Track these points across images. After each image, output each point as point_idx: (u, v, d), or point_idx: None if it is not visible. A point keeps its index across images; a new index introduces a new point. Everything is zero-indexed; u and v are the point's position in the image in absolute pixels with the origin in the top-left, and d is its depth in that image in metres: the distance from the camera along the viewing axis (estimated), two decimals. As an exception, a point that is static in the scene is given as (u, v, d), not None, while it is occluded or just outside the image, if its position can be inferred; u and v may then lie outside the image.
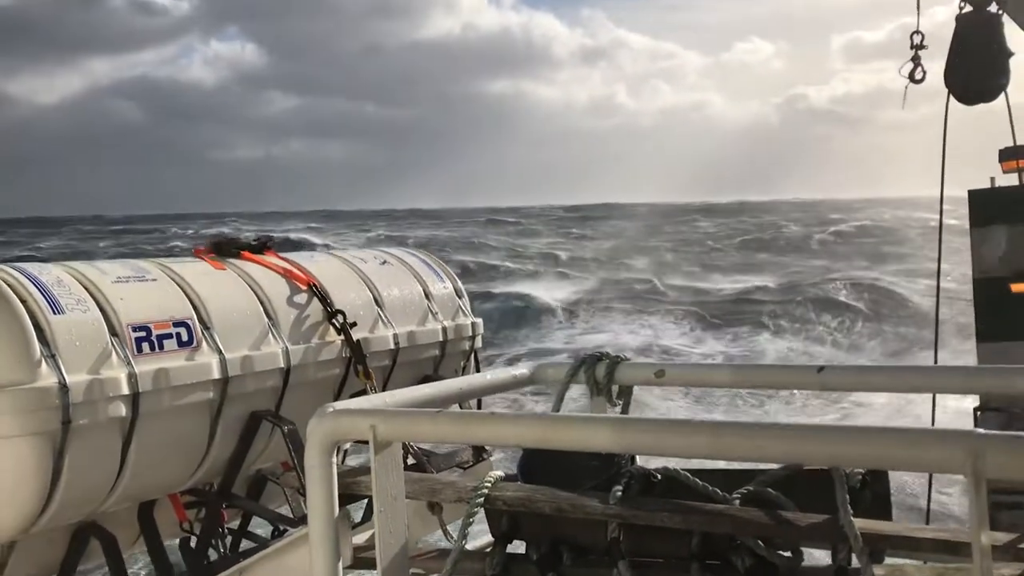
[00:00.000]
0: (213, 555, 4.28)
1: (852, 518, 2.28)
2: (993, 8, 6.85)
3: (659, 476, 2.67)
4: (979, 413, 6.78)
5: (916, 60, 7.18)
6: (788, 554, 2.46)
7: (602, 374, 3.36)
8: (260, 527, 4.78)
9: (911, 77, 7.19)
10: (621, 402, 3.43)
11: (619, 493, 2.54)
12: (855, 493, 2.42)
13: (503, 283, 36.28)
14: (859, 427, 1.89)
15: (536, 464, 2.79)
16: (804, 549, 2.51)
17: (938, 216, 7.65)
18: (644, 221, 73.26)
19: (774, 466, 2.51)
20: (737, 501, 2.50)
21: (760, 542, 2.43)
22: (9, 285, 3.40)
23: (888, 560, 2.45)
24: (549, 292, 32.96)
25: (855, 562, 2.28)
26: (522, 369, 3.62)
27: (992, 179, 7.55)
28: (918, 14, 7.22)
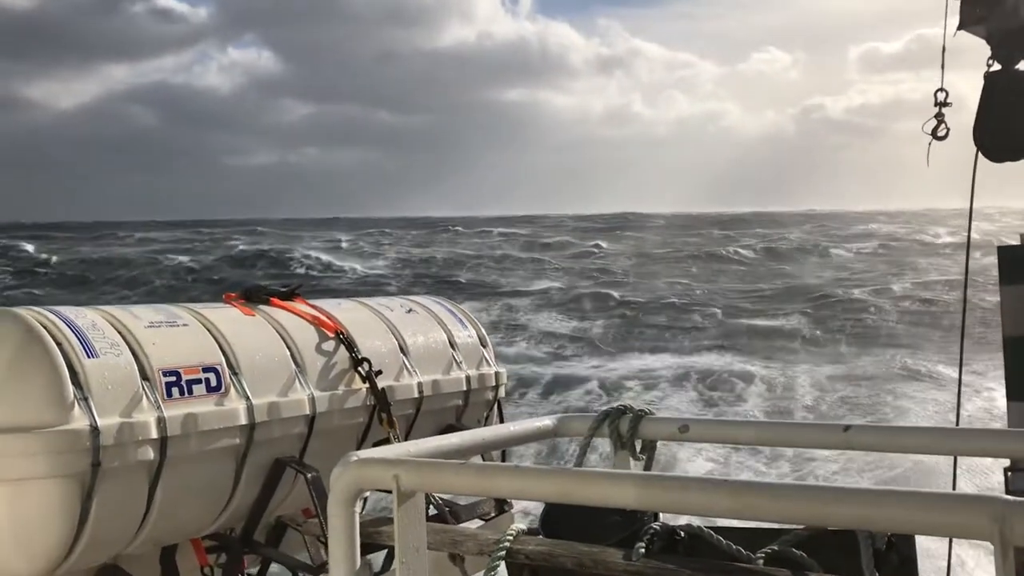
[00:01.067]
0: None
1: None
2: (1022, 66, 6.89)
3: (683, 533, 2.66)
4: (1009, 474, 6.65)
5: (940, 117, 7.20)
6: None
7: (625, 428, 3.36)
8: (278, 572, 4.78)
9: (934, 134, 7.21)
10: (645, 457, 3.43)
11: (642, 550, 2.53)
12: (881, 555, 2.40)
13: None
14: (883, 490, 1.89)
15: (558, 517, 2.79)
16: None
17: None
18: (660, 235, 73.24)
19: (799, 526, 2.50)
20: (761, 561, 2.49)
21: None
22: (45, 327, 3.47)
23: None
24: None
25: None
26: (546, 421, 3.62)
27: (1021, 235, 7.50)
28: (942, 72, 7.26)
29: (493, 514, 4.54)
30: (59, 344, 3.44)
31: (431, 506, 4.14)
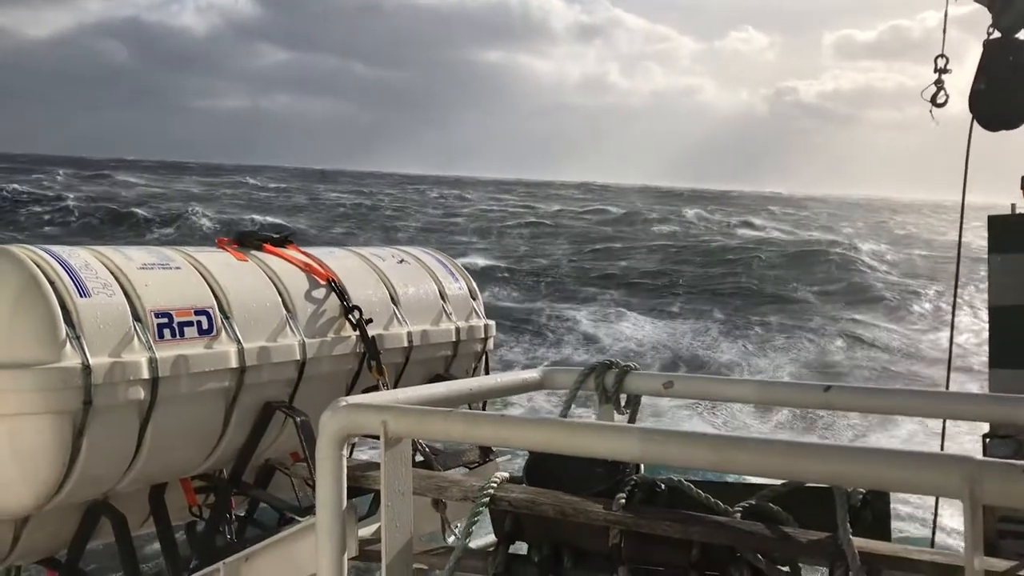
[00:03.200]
0: (220, 540, 4.35)
1: (851, 537, 2.32)
2: (1022, 35, 6.85)
3: (663, 485, 2.71)
4: (988, 440, 6.76)
5: (940, 84, 7.18)
6: (786, 569, 2.50)
7: (611, 382, 3.41)
8: (266, 515, 4.85)
9: (933, 100, 7.19)
10: (629, 411, 3.48)
11: (623, 500, 2.58)
12: (856, 512, 2.46)
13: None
14: (860, 448, 1.93)
15: (542, 467, 2.84)
16: (802, 565, 2.55)
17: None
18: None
19: (778, 481, 2.55)
20: (739, 514, 2.54)
21: (759, 556, 2.46)
22: (39, 266, 3.48)
23: None
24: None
25: None
26: (532, 373, 3.67)
27: (1013, 205, 7.52)
28: (944, 37, 7.21)
29: (478, 462, 4.61)
30: (52, 283, 3.45)
31: (417, 453, 4.20)
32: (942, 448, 6.93)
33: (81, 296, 3.48)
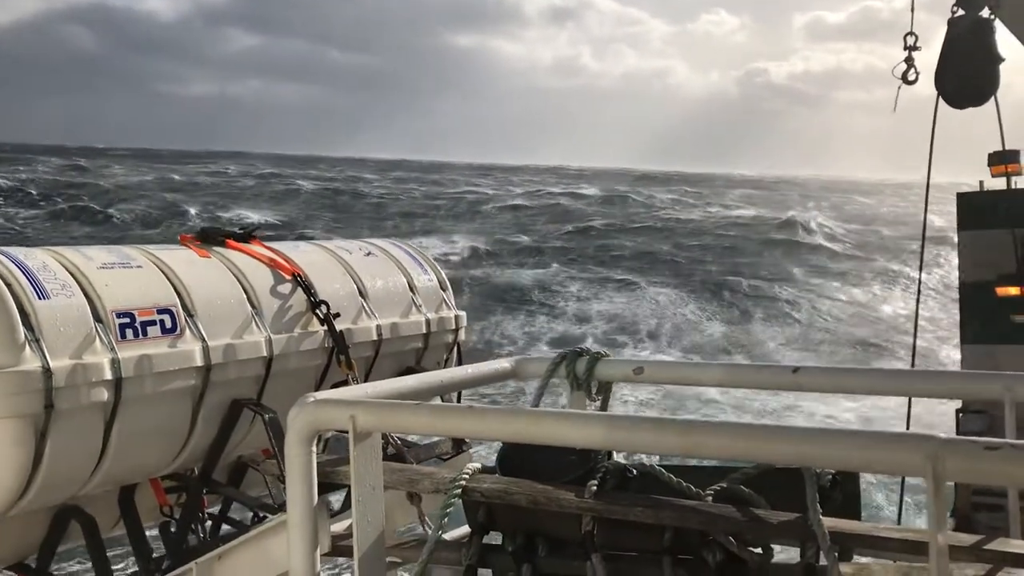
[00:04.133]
0: (193, 540, 4.31)
1: (821, 517, 2.33)
2: (985, 13, 6.91)
3: (635, 471, 2.72)
4: (961, 415, 6.85)
5: (909, 61, 7.24)
6: (759, 550, 2.51)
7: (582, 370, 3.41)
8: (240, 513, 4.81)
9: (904, 78, 7.25)
10: (600, 398, 3.48)
11: (594, 487, 2.58)
12: (825, 492, 2.47)
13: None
14: (825, 429, 1.94)
15: (515, 457, 2.83)
16: (774, 546, 2.56)
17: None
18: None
19: (749, 464, 2.56)
20: (710, 497, 2.55)
21: (731, 538, 2.47)
22: None
23: (856, 559, 2.51)
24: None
25: (823, 560, 2.33)
26: (503, 363, 3.66)
27: (981, 183, 7.60)
28: (912, 16, 7.27)
29: (451, 454, 4.60)
30: (8, 285, 3.39)
31: (389, 447, 4.18)
32: (908, 425, 7.02)
33: (39, 298, 3.42)
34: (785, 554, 2.63)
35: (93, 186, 53.44)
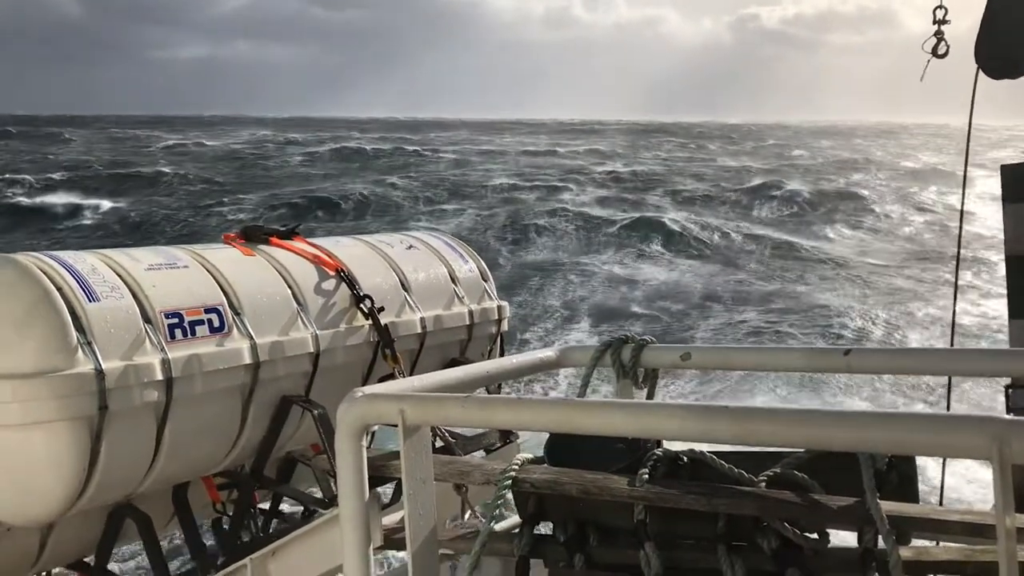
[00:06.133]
0: (245, 535, 4.37)
1: (878, 500, 2.29)
2: None
3: (685, 459, 2.70)
4: (1010, 391, 6.70)
5: (940, 35, 7.12)
6: (815, 536, 2.48)
7: (628, 357, 3.39)
8: (288, 507, 4.87)
9: (934, 52, 7.14)
10: (647, 386, 3.46)
11: (646, 476, 2.57)
12: (881, 475, 2.43)
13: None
14: (884, 412, 1.90)
15: (563, 446, 2.83)
16: (830, 531, 2.53)
17: None
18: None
19: (800, 448, 2.53)
20: (763, 484, 2.52)
21: (786, 524, 2.44)
22: (45, 274, 3.47)
23: (914, 542, 2.46)
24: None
25: (881, 544, 2.29)
26: (548, 352, 3.65)
27: None
28: None
29: (498, 445, 4.60)
30: (60, 289, 3.44)
31: (436, 438, 4.20)
32: (948, 403, 6.91)
33: (90, 301, 3.48)
34: (837, 538, 2.60)
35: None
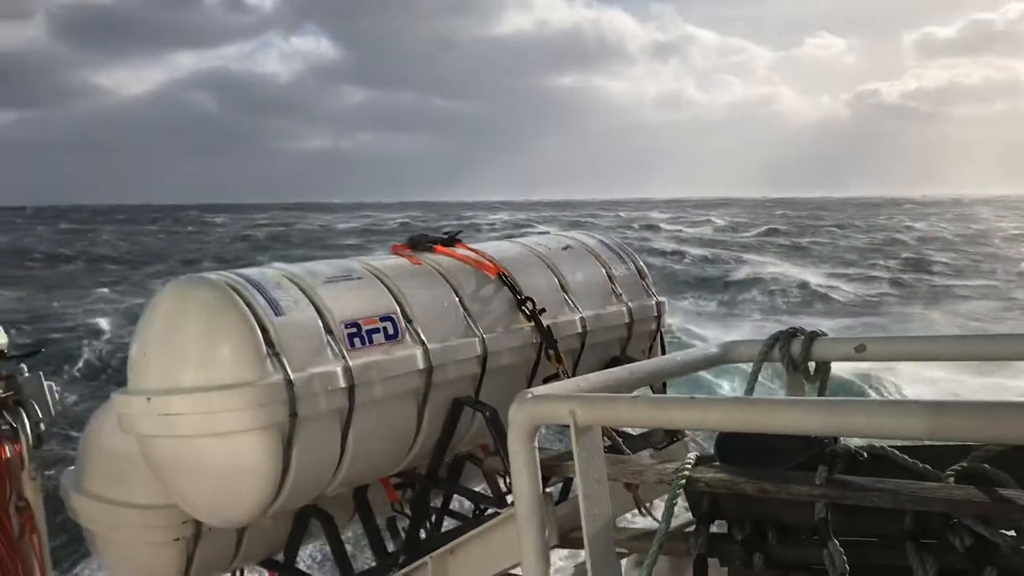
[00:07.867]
0: (421, 533, 4.53)
1: None
2: None
3: (865, 454, 2.62)
4: None
5: None
6: (1011, 533, 2.36)
7: (798, 351, 3.31)
8: (457, 505, 5.01)
9: None
10: (818, 380, 3.37)
11: (825, 473, 2.52)
12: None
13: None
14: None
15: (734, 444, 2.80)
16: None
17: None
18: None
19: (997, 443, 2.40)
20: (951, 479, 2.42)
21: (979, 521, 2.34)
22: (235, 290, 3.72)
23: None
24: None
25: None
26: (712, 348, 3.61)
27: None
28: None
29: (665, 443, 4.58)
30: (249, 305, 3.68)
31: (605, 437, 4.21)
32: None
33: (276, 315, 3.69)
34: None
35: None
